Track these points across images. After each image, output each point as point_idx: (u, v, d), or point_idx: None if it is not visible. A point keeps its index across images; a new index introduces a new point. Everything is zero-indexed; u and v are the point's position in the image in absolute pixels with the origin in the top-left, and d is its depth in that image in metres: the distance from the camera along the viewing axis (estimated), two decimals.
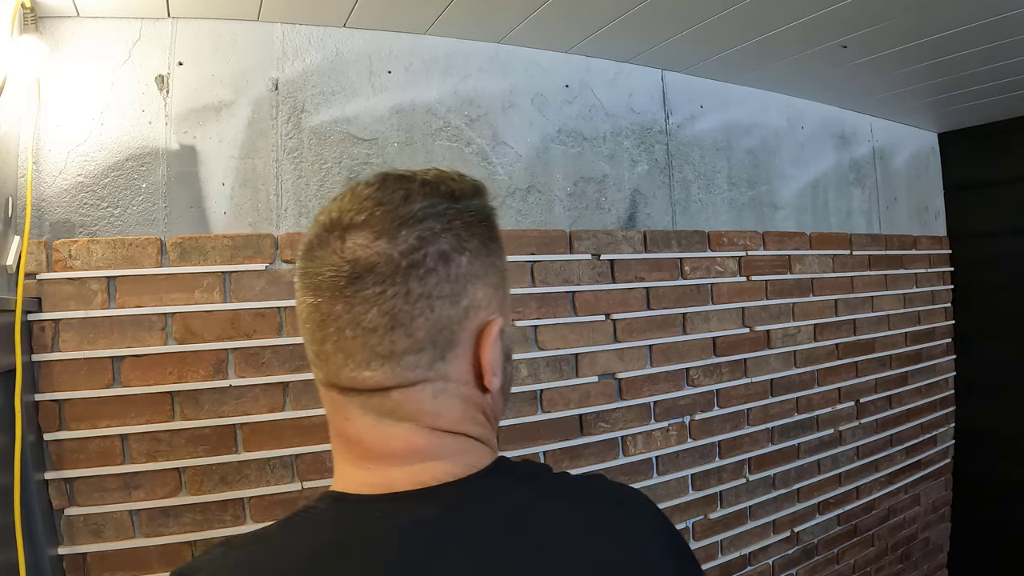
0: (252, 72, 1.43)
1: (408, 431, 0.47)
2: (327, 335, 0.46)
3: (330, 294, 0.45)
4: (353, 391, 0.47)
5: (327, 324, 0.46)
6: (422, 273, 0.45)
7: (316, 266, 0.46)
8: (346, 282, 0.44)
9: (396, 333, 0.45)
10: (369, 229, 0.45)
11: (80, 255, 1.26)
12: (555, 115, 1.78)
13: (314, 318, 0.46)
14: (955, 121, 2.65)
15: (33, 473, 1.17)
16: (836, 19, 1.57)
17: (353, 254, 0.45)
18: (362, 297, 0.44)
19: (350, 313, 0.45)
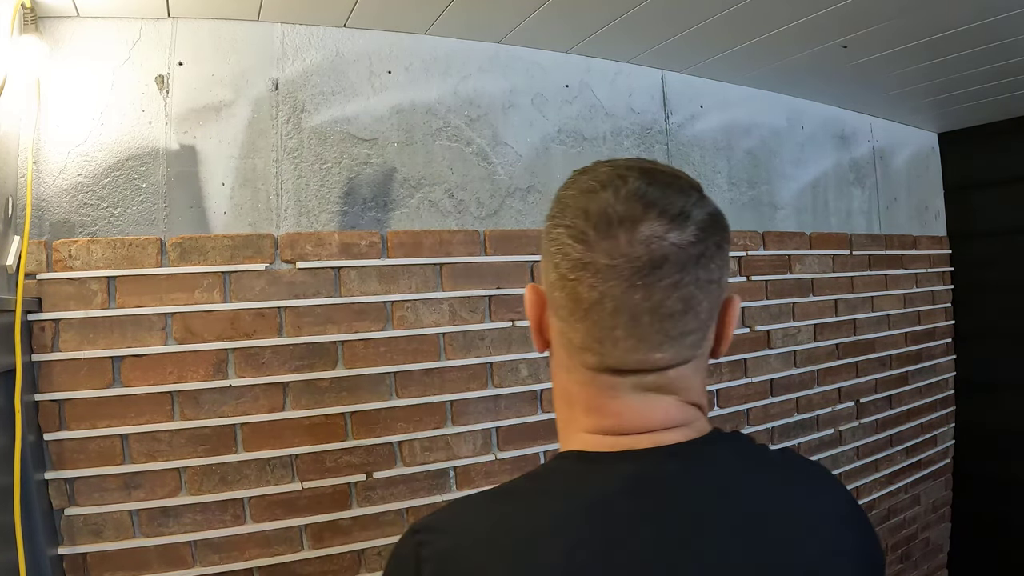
0: (252, 72, 1.43)
1: (669, 404, 0.51)
2: (619, 322, 0.48)
3: (627, 284, 0.47)
4: (632, 372, 0.50)
5: (620, 312, 0.47)
6: (705, 261, 0.49)
7: (604, 257, 0.47)
8: (645, 272, 0.47)
9: (687, 317, 0.49)
10: (658, 222, 0.47)
11: (80, 255, 1.26)
12: (555, 115, 1.78)
13: (605, 306, 0.48)
14: (955, 121, 2.64)
15: (33, 473, 1.17)
16: (836, 19, 1.57)
17: (648, 246, 0.47)
18: (661, 286, 0.47)
19: (649, 301, 0.47)
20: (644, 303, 0.47)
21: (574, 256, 0.48)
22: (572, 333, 0.50)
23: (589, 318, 0.49)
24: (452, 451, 1.55)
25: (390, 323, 1.51)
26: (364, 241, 1.49)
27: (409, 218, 1.57)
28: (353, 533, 1.44)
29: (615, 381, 0.50)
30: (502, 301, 1.63)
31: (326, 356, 1.44)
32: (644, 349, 0.49)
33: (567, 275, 0.49)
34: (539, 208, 1.74)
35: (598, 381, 0.51)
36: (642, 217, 0.47)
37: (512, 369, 1.63)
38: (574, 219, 0.49)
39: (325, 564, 1.41)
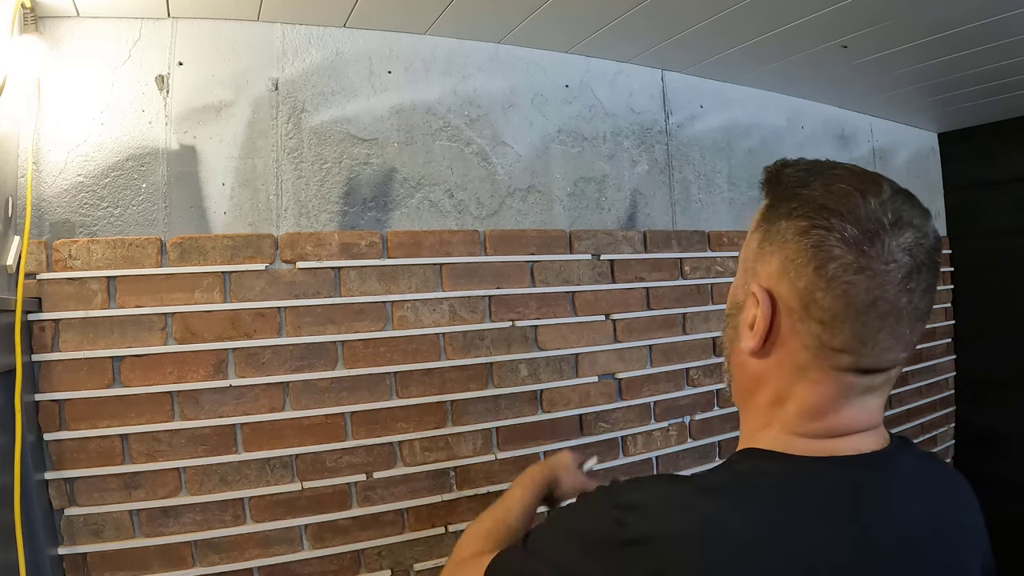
0: (252, 72, 1.43)
1: (877, 406, 0.55)
2: (886, 324, 0.51)
3: (899, 288, 0.50)
4: (875, 371, 0.53)
5: (890, 315, 0.50)
6: (939, 266, 0.53)
7: (879, 262, 0.49)
8: (912, 276, 0.50)
9: (926, 318, 0.53)
10: (915, 230, 0.50)
11: (80, 255, 1.26)
12: (555, 115, 1.78)
13: (879, 308, 0.50)
14: (955, 121, 2.64)
15: (33, 473, 1.17)
16: (836, 19, 1.57)
17: (911, 252, 0.50)
18: (920, 290, 0.51)
19: (911, 304, 0.51)
20: (908, 306, 0.51)
21: (847, 260, 0.50)
22: (830, 335, 0.51)
23: (859, 320, 0.50)
24: (452, 451, 1.55)
25: (390, 323, 1.51)
26: (364, 241, 1.49)
27: (409, 218, 1.57)
28: (353, 533, 1.44)
29: (855, 381, 0.53)
30: (502, 301, 1.63)
31: (326, 356, 1.44)
32: (898, 349, 0.52)
33: (839, 278, 0.50)
34: (539, 208, 1.74)
35: (840, 381, 0.53)
36: (906, 224, 0.50)
37: (512, 369, 1.63)
38: (842, 221, 0.50)
39: (325, 564, 1.41)
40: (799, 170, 0.56)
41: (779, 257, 0.54)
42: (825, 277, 0.50)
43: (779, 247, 0.54)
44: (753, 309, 0.55)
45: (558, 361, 1.70)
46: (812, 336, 0.52)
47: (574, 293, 1.74)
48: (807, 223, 0.52)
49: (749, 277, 0.57)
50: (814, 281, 0.51)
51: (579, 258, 1.75)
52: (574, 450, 0.99)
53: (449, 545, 1.54)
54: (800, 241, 0.52)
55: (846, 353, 0.51)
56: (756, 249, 0.57)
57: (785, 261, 0.53)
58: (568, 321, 1.72)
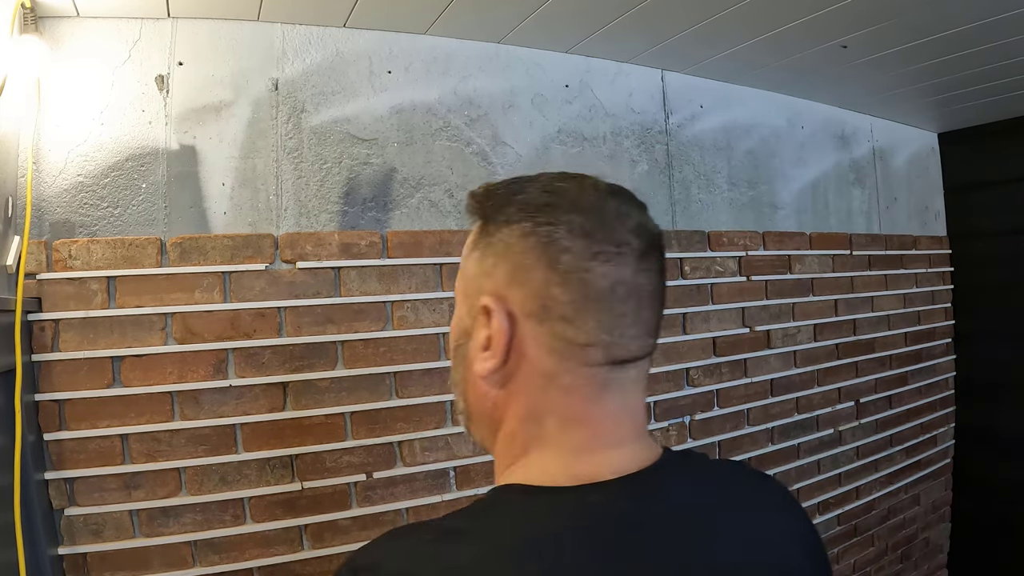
0: (252, 72, 1.43)
1: (638, 406, 0.52)
2: (628, 308, 0.48)
3: (634, 269, 0.48)
4: (627, 362, 0.49)
5: (630, 298, 0.48)
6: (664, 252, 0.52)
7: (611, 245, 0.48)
8: (644, 257, 0.49)
9: (664, 301, 0.51)
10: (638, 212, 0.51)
11: (80, 255, 1.26)
12: (555, 115, 1.78)
13: (617, 292, 0.48)
14: (955, 121, 2.64)
15: (33, 473, 1.17)
16: (836, 19, 1.57)
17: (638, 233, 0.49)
18: (655, 270, 0.50)
19: (650, 284, 0.49)
20: (647, 286, 0.49)
21: (579, 249, 0.47)
22: (576, 330, 0.48)
23: (601, 307, 0.47)
24: (452, 451, 1.55)
25: (390, 323, 1.51)
26: (364, 241, 1.49)
27: (409, 218, 1.57)
28: (353, 533, 1.44)
29: (610, 377, 0.49)
30: None
31: (326, 356, 1.44)
32: (644, 335, 0.50)
33: (574, 268, 0.47)
34: None
35: (594, 378, 0.49)
36: (627, 211, 0.49)
37: None
38: (568, 216, 0.48)
39: (325, 564, 1.41)
40: (509, 183, 0.53)
41: (505, 265, 0.50)
42: (560, 271, 0.47)
43: (503, 255, 0.50)
44: (485, 329, 0.50)
45: None
46: (556, 336, 0.48)
47: None
48: (531, 223, 0.49)
49: (473, 299, 0.52)
50: (549, 277, 0.47)
51: None
52: None
53: None
54: (527, 241, 0.49)
55: (595, 347, 0.48)
56: (476, 268, 0.53)
57: (513, 267, 0.49)
58: None
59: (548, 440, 0.50)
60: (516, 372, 0.50)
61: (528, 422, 0.50)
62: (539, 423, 0.50)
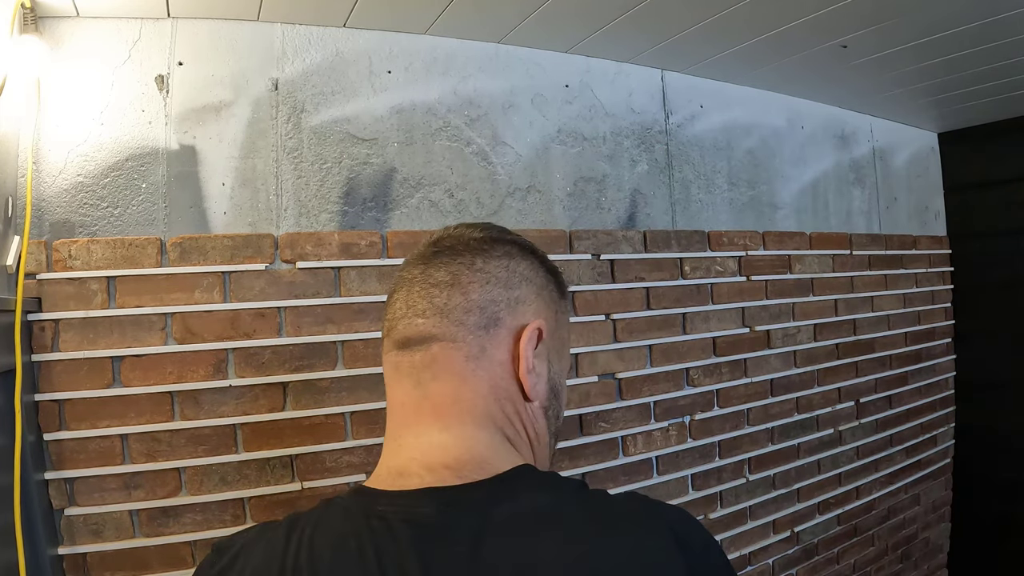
0: (252, 72, 1.43)
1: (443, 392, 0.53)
2: (399, 296, 0.56)
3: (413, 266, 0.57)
4: (407, 346, 0.54)
5: (401, 286, 0.57)
6: (486, 256, 0.56)
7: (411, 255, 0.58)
8: (428, 255, 0.56)
9: (453, 290, 0.54)
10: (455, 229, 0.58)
11: (80, 255, 1.26)
12: (555, 115, 1.78)
13: (399, 287, 0.57)
14: (955, 121, 2.64)
15: (33, 473, 1.17)
16: (836, 19, 1.57)
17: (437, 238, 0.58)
18: (436, 262, 0.55)
19: (424, 274, 0.55)
20: (420, 277, 0.55)
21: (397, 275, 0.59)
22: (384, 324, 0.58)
23: (389, 302, 0.57)
24: None
25: None
26: (364, 241, 1.49)
27: (409, 218, 1.57)
28: None
29: (396, 359, 0.55)
30: None
31: (326, 356, 1.44)
32: (411, 315, 0.55)
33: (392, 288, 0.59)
34: (539, 208, 1.74)
35: (388, 363, 0.56)
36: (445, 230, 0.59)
37: None
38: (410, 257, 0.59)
39: None
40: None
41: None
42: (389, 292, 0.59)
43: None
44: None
45: None
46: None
47: (574, 293, 1.73)
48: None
49: None
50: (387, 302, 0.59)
51: (579, 258, 1.75)
52: None
53: None
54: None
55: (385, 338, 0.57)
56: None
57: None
58: None
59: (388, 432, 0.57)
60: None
61: (388, 417, 0.59)
62: (388, 415, 0.58)
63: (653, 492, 1.80)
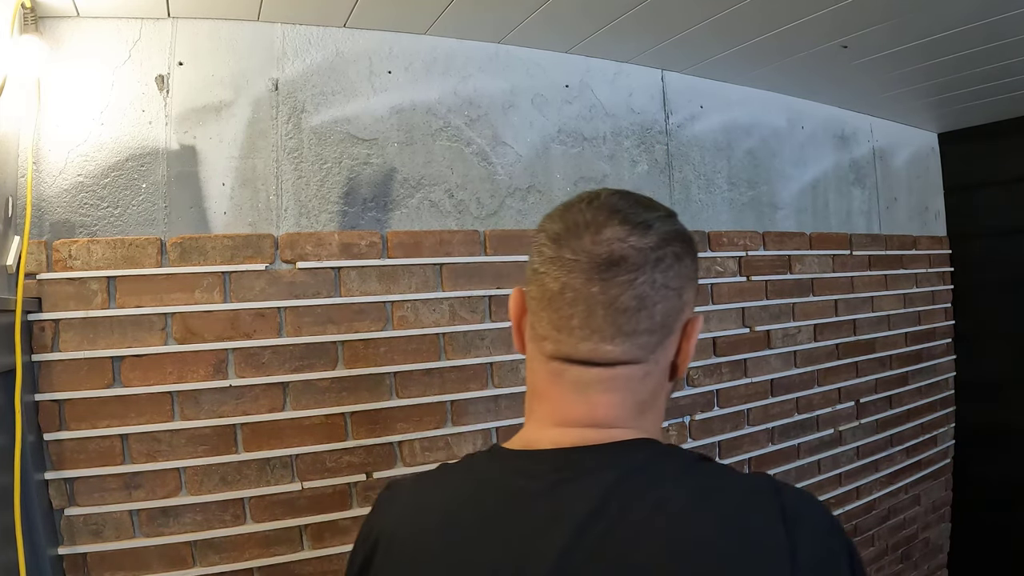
0: (252, 72, 1.43)
1: (603, 401, 0.54)
2: (576, 312, 0.53)
3: (586, 277, 0.52)
4: (581, 363, 0.54)
5: (578, 302, 0.52)
6: (664, 267, 0.53)
7: (569, 252, 0.53)
8: (603, 268, 0.52)
9: (640, 315, 0.52)
10: (621, 227, 0.53)
11: (80, 255, 1.26)
12: (555, 115, 1.78)
13: (565, 296, 0.53)
14: (955, 121, 2.64)
15: (33, 473, 1.17)
16: (836, 19, 1.57)
17: (608, 245, 0.52)
18: (617, 282, 0.52)
19: (605, 295, 0.52)
20: (600, 296, 0.52)
21: (546, 253, 0.54)
22: (537, 322, 0.56)
23: (551, 307, 0.54)
24: (452, 451, 1.55)
25: (390, 323, 1.51)
26: (364, 241, 1.49)
27: (409, 218, 1.57)
28: (353, 533, 1.43)
29: (563, 369, 0.54)
30: (502, 301, 1.63)
31: (326, 356, 1.44)
32: (596, 339, 0.53)
33: (538, 269, 0.55)
34: (539, 208, 1.73)
35: (551, 368, 0.55)
36: (606, 222, 0.53)
37: (512, 369, 1.63)
38: (551, 224, 0.56)
39: (325, 564, 1.41)
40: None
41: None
42: (533, 270, 0.56)
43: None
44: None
45: None
46: (530, 327, 0.57)
47: None
48: (535, 232, 0.58)
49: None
50: (530, 278, 0.56)
51: None
52: None
53: None
54: (530, 248, 0.57)
55: (548, 340, 0.55)
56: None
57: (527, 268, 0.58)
58: None
59: (535, 411, 0.58)
60: (527, 352, 0.60)
61: (529, 395, 0.60)
62: (530, 398, 0.59)
63: None
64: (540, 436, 0.55)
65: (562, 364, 0.54)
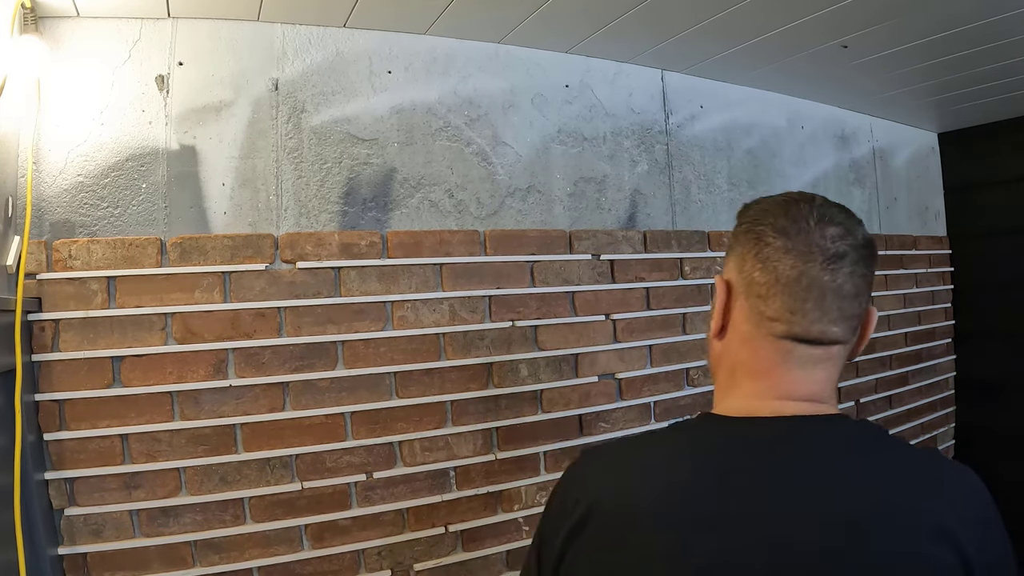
0: (252, 72, 1.43)
1: (824, 377, 0.64)
2: (810, 296, 0.61)
3: (820, 267, 0.61)
4: (810, 342, 0.63)
5: (813, 288, 0.61)
6: (865, 263, 0.63)
7: (803, 245, 0.62)
8: (832, 260, 0.61)
9: (855, 301, 0.62)
10: (839, 228, 0.63)
11: (80, 255, 1.26)
12: (555, 115, 1.78)
13: (801, 283, 0.61)
14: (955, 121, 2.64)
15: (33, 473, 1.17)
16: (836, 19, 1.57)
17: (834, 241, 0.62)
18: (843, 272, 0.61)
19: (834, 283, 0.61)
20: (830, 284, 0.61)
21: (777, 244, 0.63)
22: (766, 305, 0.63)
23: (787, 291, 0.62)
24: (452, 451, 1.55)
25: (390, 323, 1.51)
26: (364, 241, 1.49)
27: (409, 218, 1.57)
28: (353, 533, 1.44)
29: (792, 348, 0.63)
30: (502, 301, 1.63)
31: (326, 356, 1.44)
32: (825, 321, 0.62)
33: (771, 258, 0.63)
34: (539, 208, 1.74)
35: (779, 347, 0.63)
36: (829, 223, 0.63)
37: (512, 369, 1.63)
38: (776, 219, 0.64)
39: (325, 564, 1.41)
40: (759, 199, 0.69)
41: (735, 254, 0.67)
42: (761, 259, 0.63)
43: (733, 248, 0.68)
44: (713, 301, 0.70)
45: (558, 361, 1.70)
46: (753, 310, 0.64)
47: (574, 293, 1.74)
48: (750, 224, 0.66)
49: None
50: (753, 264, 0.64)
51: (579, 258, 1.75)
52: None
53: (449, 545, 1.54)
54: (747, 237, 0.65)
55: (779, 321, 0.62)
56: (725, 258, 0.71)
57: (738, 256, 0.66)
58: (568, 321, 1.72)
59: (742, 386, 0.66)
60: (728, 335, 0.68)
61: (730, 374, 0.68)
62: (734, 375, 0.67)
63: None
64: (759, 406, 0.63)
65: (792, 343, 0.63)
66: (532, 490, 1.64)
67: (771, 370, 0.64)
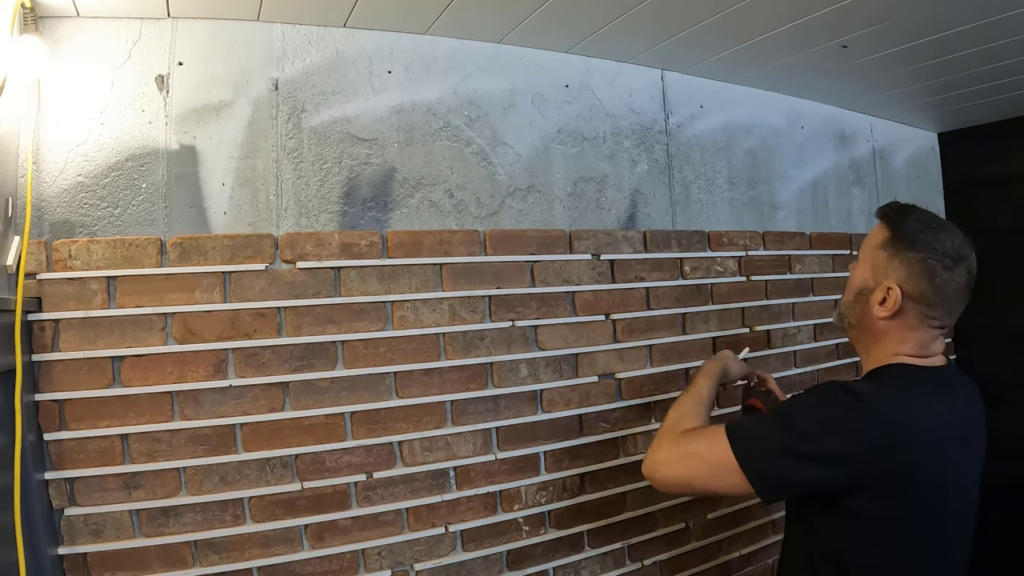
0: (252, 72, 1.43)
1: (944, 345, 1.10)
2: (956, 306, 1.06)
3: (965, 288, 1.05)
4: (945, 328, 1.07)
5: (960, 302, 1.06)
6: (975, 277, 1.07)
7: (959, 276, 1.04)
8: (970, 283, 1.05)
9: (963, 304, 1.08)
10: (969, 260, 1.05)
11: (80, 255, 1.26)
12: (555, 115, 1.78)
13: (957, 299, 1.05)
14: (955, 121, 2.64)
15: (33, 473, 1.17)
16: (836, 19, 1.57)
17: (970, 270, 1.05)
18: (969, 289, 1.06)
19: (966, 297, 1.06)
20: (966, 299, 1.06)
21: (944, 275, 1.03)
22: (932, 311, 1.05)
23: (947, 302, 1.05)
24: (452, 451, 1.55)
25: (390, 323, 1.51)
26: (364, 241, 1.49)
27: (409, 218, 1.57)
28: (353, 533, 1.44)
29: (938, 333, 1.07)
30: (502, 301, 1.63)
31: (326, 356, 1.44)
32: (955, 316, 1.07)
33: (945, 278, 1.03)
34: (539, 208, 1.74)
35: (932, 333, 1.07)
36: (968, 256, 1.04)
37: (512, 369, 1.63)
38: (944, 255, 1.03)
39: (325, 564, 1.41)
40: (915, 221, 1.08)
41: (907, 270, 1.04)
42: (935, 283, 1.03)
43: (907, 264, 1.04)
44: (883, 294, 1.06)
45: (558, 361, 1.70)
46: (921, 313, 1.05)
47: (574, 293, 1.74)
48: (924, 255, 1.03)
49: (880, 275, 1.07)
50: (928, 285, 1.03)
51: (579, 258, 1.75)
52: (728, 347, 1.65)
53: (449, 545, 1.54)
54: (923, 264, 1.03)
55: (937, 320, 1.06)
56: (887, 261, 1.07)
57: (911, 273, 1.04)
58: (568, 321, 1.72)
59: (908, 352, 1.07)
60: (895, 320, 1.07)
61: (899, 343, 1.08)
62: (903, 345, 1.07)
63: (652, 491, 1.80)
64: (931, 361, 1.07)
65: (939, 331, 1.07)
66: (532, 490, 1.64)
67: (928, 344, 1.08)
